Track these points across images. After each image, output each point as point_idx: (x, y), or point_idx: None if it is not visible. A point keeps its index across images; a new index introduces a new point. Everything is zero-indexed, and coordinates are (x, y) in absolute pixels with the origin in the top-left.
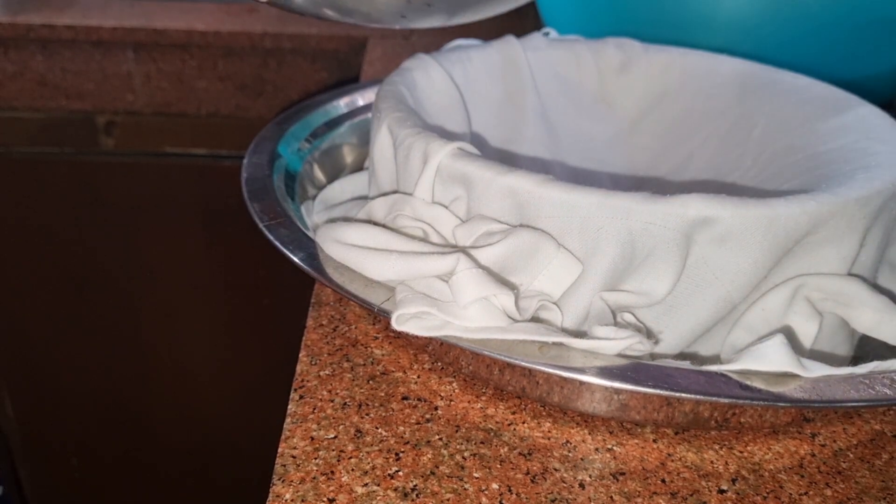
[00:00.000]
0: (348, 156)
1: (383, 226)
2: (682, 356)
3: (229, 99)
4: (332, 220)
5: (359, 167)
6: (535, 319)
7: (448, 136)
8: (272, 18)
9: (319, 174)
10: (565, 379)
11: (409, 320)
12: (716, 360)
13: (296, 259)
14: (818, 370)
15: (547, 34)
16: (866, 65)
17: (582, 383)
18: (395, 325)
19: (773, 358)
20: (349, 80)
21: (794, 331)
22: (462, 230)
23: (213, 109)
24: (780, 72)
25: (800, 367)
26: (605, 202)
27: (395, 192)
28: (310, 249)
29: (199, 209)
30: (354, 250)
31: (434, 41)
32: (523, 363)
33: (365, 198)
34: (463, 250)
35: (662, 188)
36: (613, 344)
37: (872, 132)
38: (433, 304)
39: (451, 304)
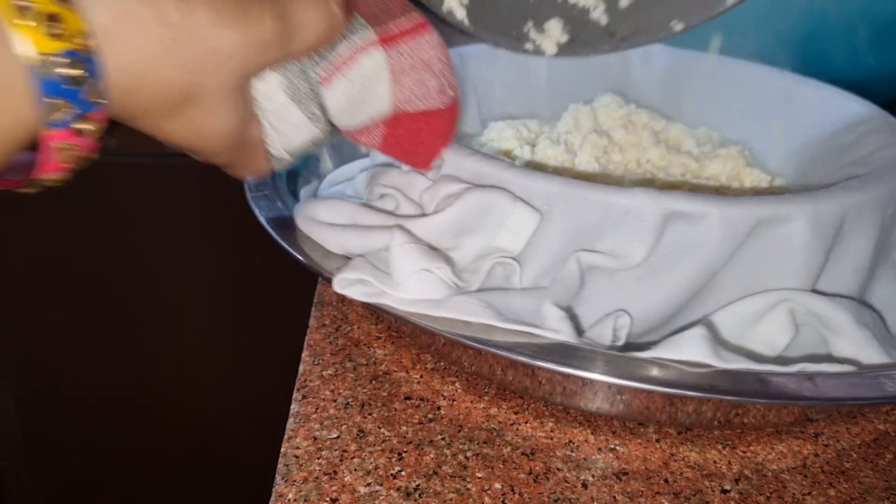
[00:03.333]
0: (350, 151)
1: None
2: (633, 346)
3: None
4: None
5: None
6: (493, 279)
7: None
8: None
9: (323, 170)
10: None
11: (351, 286)
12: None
13: (267, 226)
14: (736, 363)
15: None
16: (868, 64)
17: (578, 378)
18: (336, 287)
19: (686, 348)
20: None
21: (763, 339)
22: (428, 194)
23: None
24: (802, 81)
25: (715, 359)
26: (564, 190)
27: (377, 165)
28: (285, 220)
29: (202, 208)
30: (318, 226)
31: None
32: (515, 357)
33: None
34: (398, 226)
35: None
36: (540, 332)
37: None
38: (375, 273)
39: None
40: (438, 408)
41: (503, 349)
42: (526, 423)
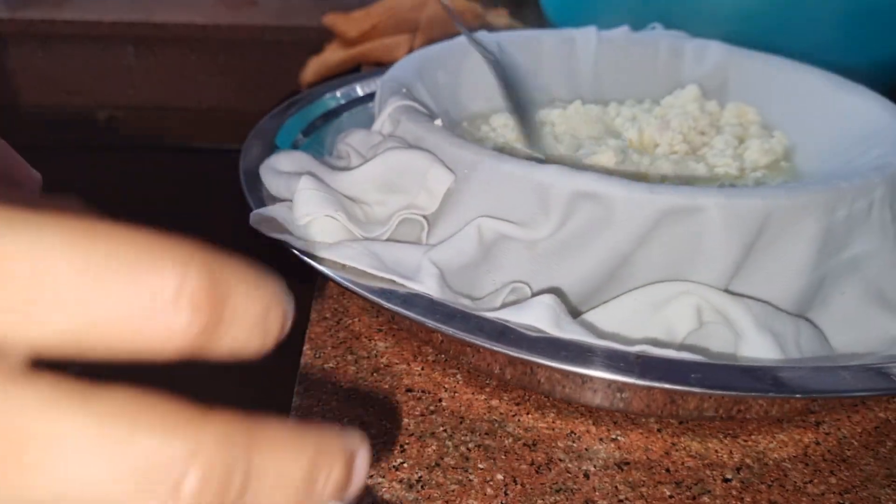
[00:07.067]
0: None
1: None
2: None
3: (230, 93)
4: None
5: None
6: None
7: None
8: (272, 12)
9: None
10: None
11: (261, 222)
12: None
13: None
14: (573, 333)
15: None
16: (868, 52)
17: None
18: (251, 221)
19: (527, 313)
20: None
21: (662, 326)
22: (373, 151)
23: (214, 103)
24: (851, 89)
25: (554, 328)
26: (485, 161)
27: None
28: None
29: (201, 203)
30: (271, 173)
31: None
32: (509, 351)
33: None
34: (309, 172)
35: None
36: (405, 282)
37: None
38: (286, 214)
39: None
40: (440, 400)
41: (497, 344)
42: (527, 414)
